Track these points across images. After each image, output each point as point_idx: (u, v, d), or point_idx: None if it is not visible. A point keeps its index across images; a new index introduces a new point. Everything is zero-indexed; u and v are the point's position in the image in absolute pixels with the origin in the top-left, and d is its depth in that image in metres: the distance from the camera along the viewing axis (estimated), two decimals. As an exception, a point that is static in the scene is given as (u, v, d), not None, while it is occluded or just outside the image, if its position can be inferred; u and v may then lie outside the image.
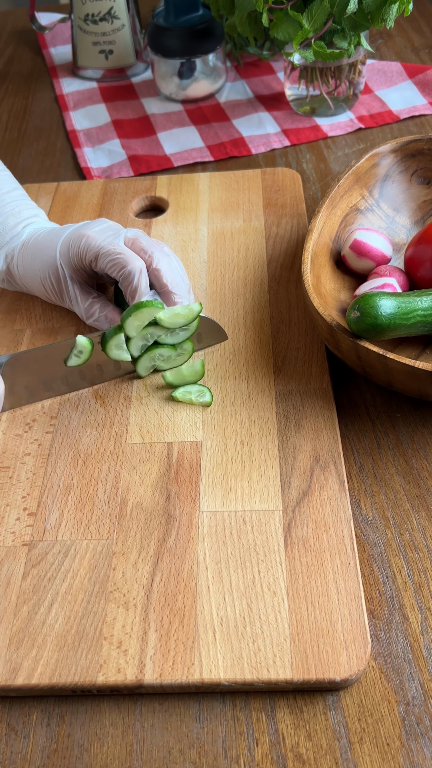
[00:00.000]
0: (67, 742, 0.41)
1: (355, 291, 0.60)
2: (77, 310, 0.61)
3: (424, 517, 0.49)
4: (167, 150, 0.87)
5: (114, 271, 0.56)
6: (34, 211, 0.66)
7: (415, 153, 0.68)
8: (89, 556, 0.47)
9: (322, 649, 0.42)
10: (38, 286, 0.62)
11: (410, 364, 0.48)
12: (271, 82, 0.98)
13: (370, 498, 0.51)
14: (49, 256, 0.60)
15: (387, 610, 0.45)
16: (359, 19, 0.75)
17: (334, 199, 0.64)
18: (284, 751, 0.40)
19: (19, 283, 0.64)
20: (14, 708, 0.43)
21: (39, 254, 0.61)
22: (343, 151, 0.85)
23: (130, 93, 1.00)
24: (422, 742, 0.40)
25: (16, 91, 1.04)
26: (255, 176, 0.78)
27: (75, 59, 1.03)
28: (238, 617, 0.44)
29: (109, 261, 0.56)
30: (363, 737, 0.40)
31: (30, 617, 0.45)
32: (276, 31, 0.76)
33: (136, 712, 0.42)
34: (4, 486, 0.52)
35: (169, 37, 0.90)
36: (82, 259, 0.58)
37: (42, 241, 0.61)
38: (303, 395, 0.56)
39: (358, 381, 0.58)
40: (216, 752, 0.40)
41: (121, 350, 0.55)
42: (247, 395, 0.56)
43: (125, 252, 0.56)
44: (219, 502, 0.50)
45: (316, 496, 0.49)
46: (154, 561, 0.47)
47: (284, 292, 0.65)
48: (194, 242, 0.71)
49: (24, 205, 0.66)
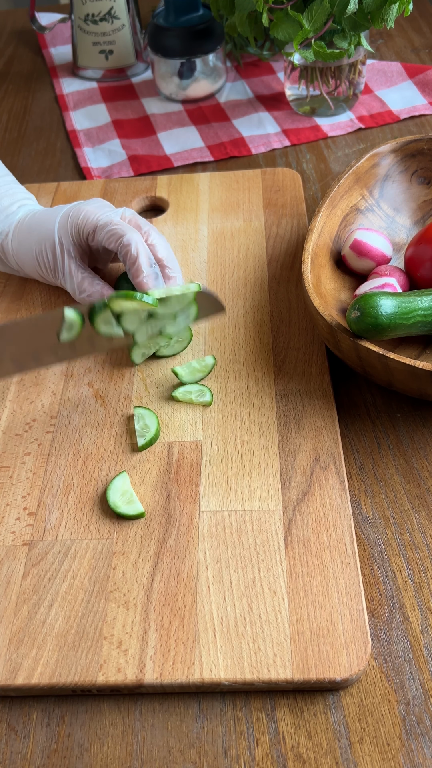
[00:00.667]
0: (67, 742, 0.41)
1: (355, 291, 0.60)
2: (69, 286, 0.62)
3: (424, 516, 0.49)
4: (167, 150, 0.87)
5: (111, 241, 0.57)
6: (27, 194, 0.68)
7: (415, 153, 0.68)
8: (89, 556, 0.47)
9: (323, 649, 0.42)
10: (32, 262, 0.63)
11: (410, 364, 0.48)
12: (271, 82, 0.98)
13: (370, 498, 0.51)
14: (47, 230, 0.61)
15: (387, 610, 0.45)
16: (359, 19, 0.75)
17: (335, 199, 0.64)
18: (284, 750, 0.40)
19: (12, 260, 0.65)
20: (14, 708, 0.43)
21: (36, 229, 0.62)
22: (343, 151, 0.85)
23: (130, 93, 1.00)
24: (422, 741, 0.40)
25: (16, 91, 1.04)
26: (255, 176, 0.78)
27: (75, 59, 1.03)
28: (239, 617, 0.44)
29: (107, 232, 0.57)
30: (363, 737, 0.40)
31: (30, 617, 0.45)
32: (276, 31, 0.76)
33: (136, 712, 0.42)
34: (4, 486, 0.52)
35: (169, 37, 0.90)
36: (80, 232, 0.59)
37: (40, 217, 0.63)
38: (303, 395, 0.56)
39: (358, 381, 0.58)
40: (216, 752, 0.40)
41: (110, 326, 0.54)
42: (247, 395, 0.56)
43: (122, 224, 0.58)
44: (219, 502, 0.50)
45: (316, 495, 0.49)
46: (155, 561, 0.47)
47: (284, 292, 0.65)
48: (194, 242, 0.71)
49: (17, 189, 0.68)
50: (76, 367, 0.60)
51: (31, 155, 0.90)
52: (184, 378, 0.58)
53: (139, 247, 0.57)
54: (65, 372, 0.60)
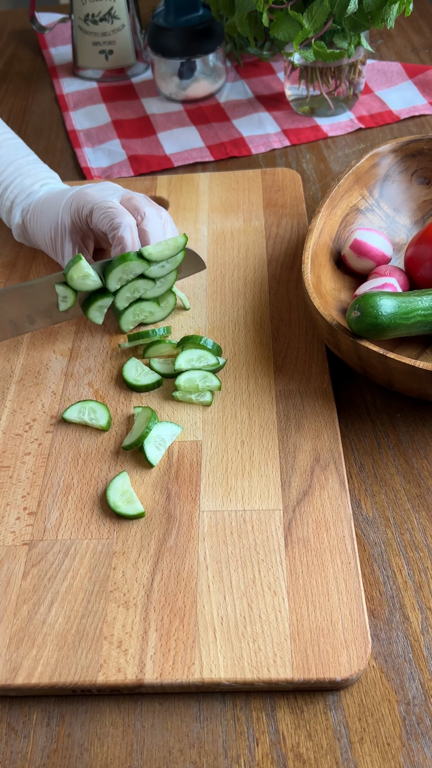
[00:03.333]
0: (67, 741, 0.41)
1: (355, 291, 0.60)
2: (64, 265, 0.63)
3: (424, 516, 0.49)
4: (167, 150, 0.87)
5: (104, 223, 0.58)
6: (49, 173, 0.69)
7: (415, 153, 0.68)
8: (89, 556, 0.47)
9: (323, 649, 0.42)
10: (43, 241, 0.65)
11: (411, 364, 0.48)
12: (271, 82, 0.98)
13: (370, 497, 0.51)
14: (55, 212, 0.62)
15: (387, 610, 0.45)
16: (359, 19, 0.75)
17: (335, 199, 0.64)
18: (284, 750, 0.40)
19: (31, 237, 0.67)
20: (14, 708, 0.43)
21: (47, 210, 0.63)
22: (343, 151, 0.85)
23: (130, 93, 1.00)
24: (423, 741, 0.40)
25: (16, 91, 1.04)
26: (255, 176, 0.78)
27: (75, 59, 1.03)
28: (239, 617, 0.44)
29: (101, 214, 0.58)
30: (363, 737, 0.40)
31: (30, 617, 0.45)
32: (276, 31, 0.76)
33: (136, 712, 0.42)
34: (4, 485, 0.52)
35: (169, 37, 0.90)
36: (80, 214, 0.60)
37: (52, 198, 0.64)
38: (303, 395, 0.56)
39: (358, 381, 0.58)
40: (216, 752, 0.40)
41: (85, 280, 0.57)
42: (247, 395, 0.56)
43: (117, 207, 0.59)
44: (219, 502, 0.50)
45: (316, 495, 0.49)
46: (155, 560, 0.47)
47: (284, 292, 0.65)
48: (194, 242, 0.71)
49: (39, 168, 0.69)
50: (76, 367, 0.60)
51: (31, 155, 0.90)
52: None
53: (126, 233, 0.57)
54: (65, 372, 0.60)
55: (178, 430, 0.54)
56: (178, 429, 0.54)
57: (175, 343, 0.59)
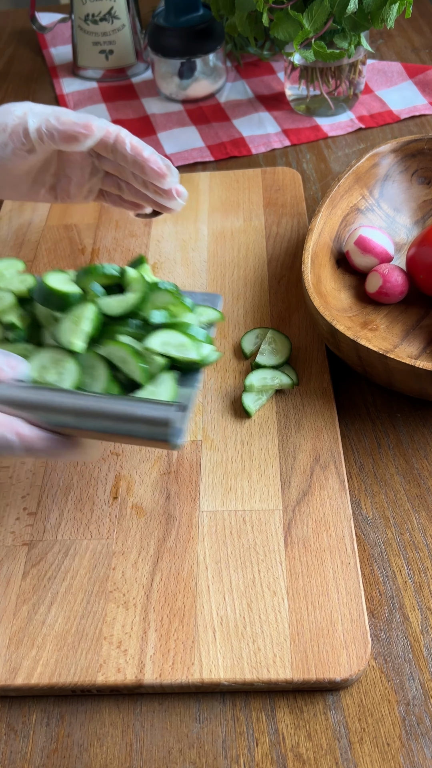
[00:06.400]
0: (67, 742, 0.41)
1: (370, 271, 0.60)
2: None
3: (424, 516, 0.49)
4: (167, 150, 0.87)
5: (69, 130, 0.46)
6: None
7: (416, 153, 0.68)
8: (89, 556, 0.47)
9: (322, 649, 0.42)
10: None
11: (411, 364, 0.48)
12: (271, 82, 0.98)
13: (370, 498, 0.51)
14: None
15: (387, 610, 0.45)
16: (359, 19, 0.75)
17: (335, 198, 0.64)
18: (284, 751, 0.40)
19: None
20: (14, 708, 0.43)
21: None
22: (344, 151, 0.85)
23: (130, 93, 1.00)
24: (422, 742, 0.40)
25: (16, 91, 1.04)
26: (255, 176, 0.78)
27: (75, 59, 1.03)
28: (238, 617, 0.44)
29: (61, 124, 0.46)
30: (363, 737, 0.40)
31: (30, 617, 0.45)
32: (276, 31, 0.76)
33: (136, 712, 0.42)
34: (4, 486, 0.52)
35: (170, 37, 0.90)
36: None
37: None
38: (303, 395, 0.56)
39: (358, 381, 0.58)
40: (216, 752, 0.40)
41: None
42: (247, 395, 0.56)
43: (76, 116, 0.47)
44: (219, 502, 0.50)
45: (316, 495, 0.49)
46: (154, 561, 0.47)
47: (284, 292, 0.65)
48: (194, 242, 0.71)
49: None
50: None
51: (31, 155, 0.90)
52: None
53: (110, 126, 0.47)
54: (65, 372, 0.60)
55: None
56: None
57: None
